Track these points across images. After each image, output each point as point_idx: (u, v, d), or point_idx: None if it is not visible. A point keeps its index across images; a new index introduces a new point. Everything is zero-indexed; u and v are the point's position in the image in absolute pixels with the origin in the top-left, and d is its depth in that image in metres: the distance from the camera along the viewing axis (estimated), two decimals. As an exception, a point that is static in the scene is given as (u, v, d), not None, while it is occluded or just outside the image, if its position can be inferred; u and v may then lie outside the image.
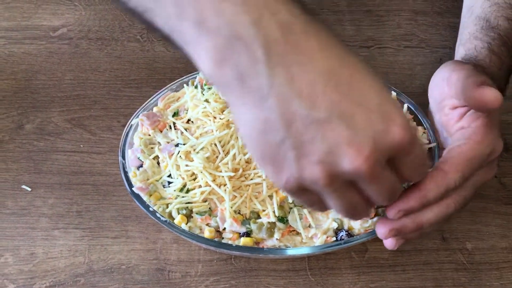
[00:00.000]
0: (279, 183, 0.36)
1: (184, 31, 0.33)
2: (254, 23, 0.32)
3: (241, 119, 0.35)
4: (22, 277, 0.51)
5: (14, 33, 0.71)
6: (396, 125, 0.34)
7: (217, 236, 0.49)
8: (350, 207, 0.37)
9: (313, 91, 0.33)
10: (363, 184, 0.35)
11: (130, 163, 0.53)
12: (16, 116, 0.63)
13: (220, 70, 0.33)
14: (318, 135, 0.33)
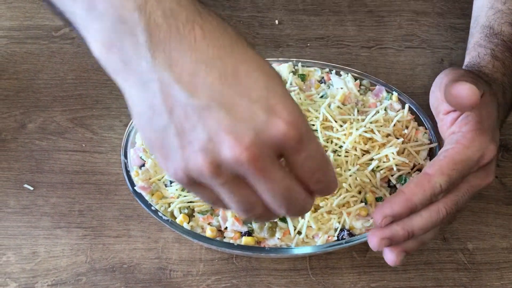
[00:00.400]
0: (168, 173, 0.35)
1: (77, 13, 0.34)
2: (138, 8, 0.32)
3: (131, 103, 0.35)
4: (24, 275, 0.51)
5: (17, 32, 0.71)
6: (279, 119, 0.32)
7: (219, 236, 0.49)
8: (245, 204, 0.35)
9: (193, 78, 0.32)
10: (252, 179, 0.34)
11: (132, 162, 0.53)
12: (18, 116, 0.63)
13: (108, 53, 0.33)
14: (199, 122, 0.32)
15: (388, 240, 0.43)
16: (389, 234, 0.43)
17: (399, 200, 0.43)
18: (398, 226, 0.43)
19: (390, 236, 0.43)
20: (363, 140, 0.52)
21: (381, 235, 0.43)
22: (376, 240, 0.44)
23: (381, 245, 0.44)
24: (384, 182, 0.53)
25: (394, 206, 0.43)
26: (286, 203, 0.35)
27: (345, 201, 0.49)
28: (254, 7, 0.78)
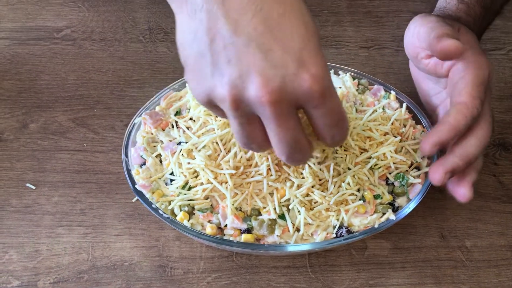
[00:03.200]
0: (194, 92, 0.39)
1: None
2: None
3: (179, 27, 0.38)
4: (27, 273, 0.52)
5: (19, 34, 0.72)
6: (308, 73, 0.35)
7: (219, 233, 0.50)
8: (247, 138, 0.39)
9: (240, 16, 0.35)
10: (266, 120, 0.36)
11: (133, 161, 0.53)
12: (20, 116, 0.63)
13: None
14: (234, 58, 0.35)
15: (450, 173, 0.46)
16: (450, 166, 0.46)
17: (445, 128, 0.46)
18: (455, 157, 0.46)
19: (452, 169, 0.46)
20: (361, 139, 0.53)
21: (444, 169, 0.46)
22: (440, 175, 0.46)
23: (445, 178, 0.46)
24: (382, 180, 0.53)
25: (441, 135, 0.46)
26: (289, 151, 0.38)
27: (343, 198, 0.50)
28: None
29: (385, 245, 0.55)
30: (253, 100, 0.35)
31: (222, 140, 0.51)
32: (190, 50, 0.37)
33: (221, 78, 0.36)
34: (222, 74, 0.35)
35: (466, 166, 0.47)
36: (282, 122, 0.36)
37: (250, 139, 0.39)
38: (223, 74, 0.35)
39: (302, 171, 0.50)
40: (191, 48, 0.37)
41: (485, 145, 0.48)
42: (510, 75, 0.71)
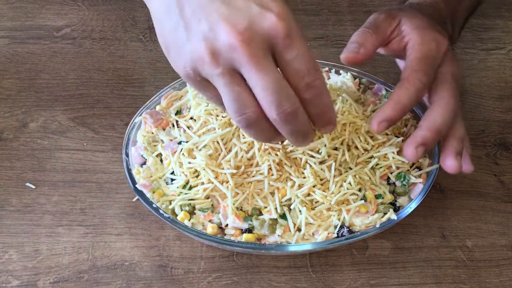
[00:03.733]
0: (178, 68, 0.41)
1: None
2: None
3: (154, 13, 0.42)
4: (26, 273, 0.51)
5: (18, 32, 0.72)
6: (271, 12, 0.37)
7: (220, 233, 0.50)
8: (238, 102, 0.39)
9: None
10: (245, 69, 0.38)
11: (133, 161, 0.53)
12: (20, 115, 0.63)
13: None
14: (203, 16, 0.38)
15: (422, 146, 0.47)
16: (420, 139, 0.47)
17: (389, 104, 0.47)
18: (422, 130, 0.47)
19: (422, 141, 0.47)
20: (363, 138, 0.53)
21: (414, 144, 0.47)
22: (411, 150, 0.47)
23: (418, 153, 0.47)
24: (384, 180, 0.53)
25: (386, 111, 0.47)
26: (276, 99, 0.38)
27: (345, 198, 0.50)
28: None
29: (386, 245, 0.55)
30: (227, 46, 0.37)
31: (223, 139, 0.51)
32: (167, 27, 0.40)
33: (196, 37, 0.38)
34: (195, 33, 0.38)
35: (436, 136, 0.47)
36: (259, 64, 0.37)
37: (241, 103, 0.39)
38: (197, 34, 0.38)
39: (303, 171, 0.50)
40: (168, 25, 0.40)
41: (451, 111, 0.48)
42: (510, 75, 0.71)
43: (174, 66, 0.41)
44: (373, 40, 0.50)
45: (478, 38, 0.76)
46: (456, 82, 0.50)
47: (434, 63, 0.49)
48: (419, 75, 0.48)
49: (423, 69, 0.48)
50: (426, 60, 0.49)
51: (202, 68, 0.39)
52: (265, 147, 0.50)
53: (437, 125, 0.47)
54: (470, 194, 0.59)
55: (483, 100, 0.68)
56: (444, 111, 0.48)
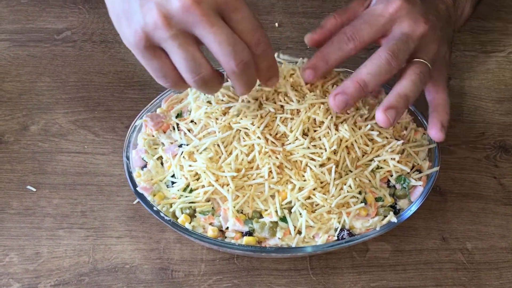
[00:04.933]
0: (129, 37, 0.42)
1: None
2: None
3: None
4: (27, 276, 0.51)
5: (19, 35, 0.72)
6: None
7: (220, 236, 0.50)
8: (193, 63, 0.42)
9: None
10: (199, 29, 0.41)
11: (134, 164, 0.53)
12: (21, 118, 0.63)
13: None
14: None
15: (342, 95, 0.48)
16: (340, 88, 0.48)
17: (315, 55, 0.51)
18: (345, 80, 0.49)
19: (341, 90, 0.48)
20: (363, 141, 0.53)
21: (334, 93, 0.49)
22: (331, 99, 0.49)
23: (338, 102, 0.48)
24: (384, 182, 0.53)
25: (310, 61, 0.51)
26: (234, 49, 0.42)
27: (345, 201, 0.50)
28: (254, 10, 0.78)
29: (386, 247, 0.55)
30: (180, 9, 0.40)
31: (223, 142, 0.51)
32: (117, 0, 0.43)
33: (149, 4, 0.40)
34: (148, 1, 0.41)
35: (360, 88, 0.48)
36: (212, 22, 0.41)
37: (196, 62, 0.42)
38: (149, 1, 0.40)
39: (303, 174, 0.50)
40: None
41: (384, 68, 0.48)
42: (510, 77, 0.72)
43: (125, 37, 0.43)
44: (334, 21, 0.54)
45: (477, 41, 0.76)
46: (408, 44, 0.50)
47: (370, 18, 0.50)
48: (345, 28, 0.50)
49: (353, 24, 0.50)
50: (363, 15, 0.51)
51: (154, 34, 0.41)
52: (265, 150, 0.50)
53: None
54: (470, 197, 0.59)
55: (482, 103, 0.68)
56: (371, 61, 0.49)
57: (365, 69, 0.49)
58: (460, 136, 0.64)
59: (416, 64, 0.50)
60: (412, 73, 0.49)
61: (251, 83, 0.46)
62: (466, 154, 0.63)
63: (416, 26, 0.50)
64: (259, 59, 0.45)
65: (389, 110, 0.48)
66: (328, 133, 0.51)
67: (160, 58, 0.43)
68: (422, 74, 0.49)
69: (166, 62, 0.43)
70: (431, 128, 0.51)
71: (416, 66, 0.50)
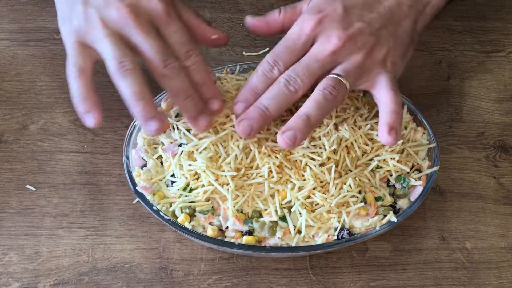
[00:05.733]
0: (71, 36, 0.49)
1: None
2: None
3: None
4: (27, 275, 0.51)
5: (18, 35, 0.72)
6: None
7: (220, 235, 0.50)
8: (118, 52, 0.46)
9: None
10: (134, 35, 0.47)
11: (133, 163, 0.53)
12: (20, 117, 0.63)
13: None
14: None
15: (246, 121, 0.49)
16: (244, 115, 0.49)
17: (243, 88, 0.51)
18: (251, 107, 0.50)
19: (245, 116, 0.49)
20: (363, 141, 0.53)
21: (239, 119, 0.49)
22: (236, 125, 0.49)
23: (243, 129, 0.48)
24: (383, 182, 0.53)
25: (239, 94, 0.51)
26: (163, 55, 0.47)
27: (345, 200, 0.50)
28: (254, 10, 0.78)
29: (386, 247, 0.55)
30: (118, 17, 0.47)
31: (224, 141, 0.51)
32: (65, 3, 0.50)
33: (91, 9, 0.48)
34: (91, 6, 0.48)
35: (263, 113, 0.49)
36: (146, 31, 0.47)
37: (122, 54, 0.47)
38: (92, 6, 0.48)
39: (303, 173, 0.50)
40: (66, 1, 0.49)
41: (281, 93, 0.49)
42: (509, 77, 0.72)
43: (65, 35, 0.50)
44: (277, 16, 0.54)
45: (477, 41, 0.76)
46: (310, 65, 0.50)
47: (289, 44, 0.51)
48: (268, 56, 0.51)
49: (274, 50, 0.51)
50: (281, 42, 0.51)
51: (90, 33, 0.47)
52: (265, 151, 0.50)
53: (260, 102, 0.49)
54: (470, 196, 0.59)
55: (482, 103, 0.68)
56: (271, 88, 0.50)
57: (265, 95, 0.49)
58: (460, 136, 0.64)
59: (324, 81, 0.49)
60: (316, 92, 0.49)
61: (190, 98, 0.49)
62: (466, 154, 0.63)
63: (326, 45, 0.50)
64: (192, 72, 0.49)
65: (287, 132, 0.48)
66: (328, 133, 0.52)
67: (87, 53, 0.49)
68: (327, 91, 0.48)
69: (91, 60, 0.50)
70: (379, 132, 0.50)
71: (323, 83, 0.49)
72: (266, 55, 0.51)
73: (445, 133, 0.64)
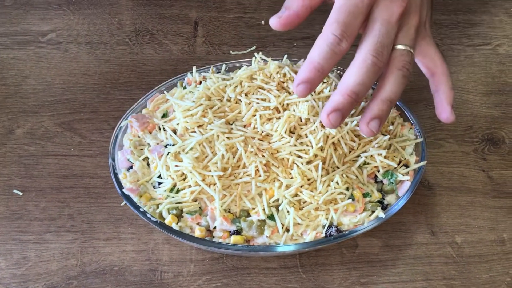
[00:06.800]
0: None
1: None
2: None
3: None
4: (15, 281, 0.51)
5: (3, 38, 0.71)
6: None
7: (208, 235, 0.49)
8: None
9: None
10: None
11: (120, 165, 0.53)
12: (6, 121, 0.63)
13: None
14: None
15: (337, 112, 0.43)
16: (331, 105, 0.43)
17: (304, 65, 0.44)
18: (335, 94, 0.43)
19: (334, 106, 0.43)
20: (350, 137, 0.53)
21: (327, 111, 0.43)
22: (325, 118, 0.43)
23: (333, 120, 0.43)
24: (371, 178, 0.53)
25: (301, 73, 0.44)
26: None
27: (332, 197, 0.50)
28: (240, 8, 0.78)
29: (376, 243, 0.55)
30: None
31: (210, 142, 0.51)
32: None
33: None
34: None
35: (351, 100, 0.43)
36: None
37: None
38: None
39: (290, 171, 0.50)
40: None
41: (371, 70, 0.43)
42: (497, 70, 0.72)
43: None
44: (301, 1, 0.47)
45: (464, 34, 0.76)
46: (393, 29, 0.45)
47: (355, 10, 0.44)
48: (332, 27, 0.43)
49: (338, 19, 0.43)
50: (344, 8, 0.44)
51: None
52: (251, 149, 0.50)
53: (350, 87, 0.43)
54: (459, 190, 0.59)
55: (470, 96, 0.68)
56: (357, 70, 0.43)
57: (353, 79, 0.43)
58: (448, 130, 0.64)
59: (398, 57, 0.45)
60: (394, 71, 0.44)
61: None
62: (454, 148, 0.63)
63: (392, 7, 0.45)
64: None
65: (373, 121, 0.44)
66: (315, 130, 0.51)
67: None
68: (405, 68, 0.44)
69: None
70: (442, 112, 0.47)
71: (398, 59, 0.45)
72: (326, 25, 0.44)
73: (433, 127, 0.64)
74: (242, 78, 0.55)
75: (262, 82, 0.55)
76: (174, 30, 0.74)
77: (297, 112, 0.52)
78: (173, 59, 0.70)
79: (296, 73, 0.55)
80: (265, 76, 0.55)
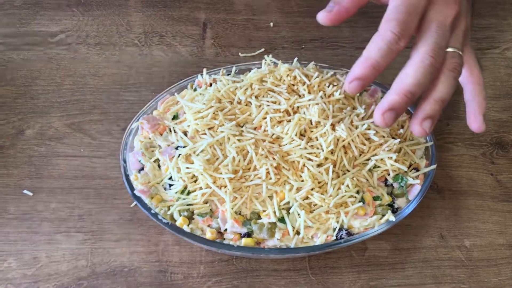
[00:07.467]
0: None
1: None
2: None
3: None
4: (26, 281, 0.51)
5: (13, 39, 0.72)
6: None
7: (219, 237, 0.50)
8: None
9: None
10: None
11: (131, 166, 0.53)
12: (16, 122, 0.63)
13: None
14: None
15: (391, 111, 0.43)
16: (387, 104, 0.43)
17: (359, 62, 0.43)
18: (390, 94, 0.43)
19: (389, 106, 0.43)
20: (360, 141, 0.53)
21: (381, 109, 0.43)
22: (379, 116, 0.43)
23: (388, 119, 0.43)
24: (381, 181, 0.53)
25: (356, 69, 0.43)
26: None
27: (343, 200, 0.50)
28: (249, 10, 0.78)
29: (385, 246, 0.55)
30: None
31: (221, 144, 0.51)
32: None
33: None
34: None
35: (407, 100, 0.43)
36: None
37: None
38: None
39: (301, 174, 0.50)
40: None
41: (430, 71, 0.43)
42: (505, 74, 0.72)
43: None
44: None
45: (473, 38, 0.76)
46: (449, 31, 0.45)
47: (413, 8, 0.44)
48: (391, 25, 0.43)
49: (398, 17, 0.43)
50: (403, 6, 0.43)
51: None
52: (262, 152, 0.50)
53: (407, 88, 0.43)
54: (468, 194, 0.59)
55: (478, 100, 0.68)
56: (415, 70, 0.43)
57: (410, 79, 0.43)
58: (457, 133, 0.64)
59: (449, 58, 0.44)
60: (446, 72, 0.44)
61: None
62: (463, 152, 0.63)
63: (446, 10, 0.45)
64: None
65: (425, 121, 0.44)
66: (325, 133, 0.51)
67: None
68: (456, 70, 0.44)
69: None
70: (474, 122, 0.47)
71: (450, 62, 0.44)
72: (382, 22, 0.44)
73: (442, 131, 0.64)
74: (252, 81, 0.55)
75: (272, 85, 0.55)
76: (183, 31, 0.75)
77: (308, 115, 0.52)
78: (182, 60, 0.71)
79: (306, 76, 0.56)
80: (275, 78, 0.55)
